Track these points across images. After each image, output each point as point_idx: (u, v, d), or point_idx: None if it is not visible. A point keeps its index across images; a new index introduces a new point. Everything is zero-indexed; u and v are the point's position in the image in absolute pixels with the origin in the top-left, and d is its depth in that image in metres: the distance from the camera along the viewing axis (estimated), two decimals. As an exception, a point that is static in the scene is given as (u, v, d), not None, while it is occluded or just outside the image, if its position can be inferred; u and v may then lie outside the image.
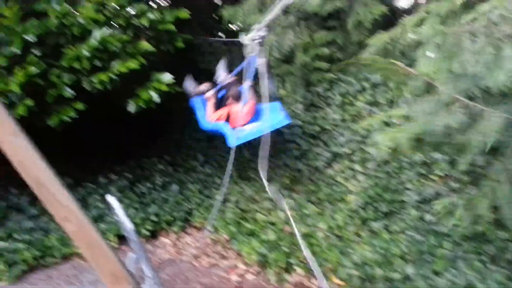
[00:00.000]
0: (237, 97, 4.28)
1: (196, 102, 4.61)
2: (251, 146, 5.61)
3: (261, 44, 3.51)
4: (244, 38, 3.58)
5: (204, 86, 4.65)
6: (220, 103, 4.50)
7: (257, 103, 4.38)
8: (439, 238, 3.32)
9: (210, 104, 4.43)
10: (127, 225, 2.20)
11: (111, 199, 2.36)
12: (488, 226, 3.24)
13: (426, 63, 3.40)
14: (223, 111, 4.34)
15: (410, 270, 3.08)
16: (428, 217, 3.55)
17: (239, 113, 4.08)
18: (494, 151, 3.48)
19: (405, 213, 3.70)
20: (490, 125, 2.66)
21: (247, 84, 3.97)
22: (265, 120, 4.24)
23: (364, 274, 3.15)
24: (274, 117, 4.09)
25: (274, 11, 3.17)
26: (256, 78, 3.88)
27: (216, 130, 4.33)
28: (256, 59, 3.60)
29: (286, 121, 4.00)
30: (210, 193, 4.84)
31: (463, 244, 3.22)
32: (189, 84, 4.79)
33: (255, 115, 4.33)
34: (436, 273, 3.02)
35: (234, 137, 3.95)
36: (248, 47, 3.56)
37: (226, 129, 4.13)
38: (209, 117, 4.40)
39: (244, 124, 4.17)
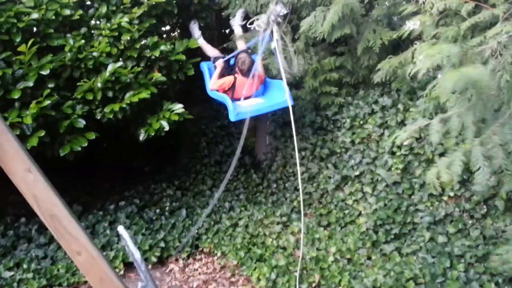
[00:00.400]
0: (245, 68, 4.46)
1: (204, 67, 4.86)
2: (259, 169, 5.76)
3: (277, 22, 3.71)
4: (259, 22, 3.84)
5: (216, 51, 4.94)
6: (230, 72, 4.72)
7: (264, 78, 4.58)
8: (452, 260, 3.35)
9: (217, 72, 4.62)
10: (136, 255, 2.31)
11: (120, 229, 2.48)
12: (501, 245, 3.27)
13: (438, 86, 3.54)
14: (226, 79, 4.52)
15: (422, 293, 3.11)
16: (440, 238, 3.59)
17: (244, 84, 4.26)
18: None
19: (416, 235, 3.74)
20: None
21: (258, 58, 4.13)
22: (268, 98, 4.47)
23: (375, 298, 3.19)
24: (278, 96, 4.25)
25: None
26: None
27: (218, 99, 4.52)
28: (269, 36, 3.76)
29: (289, 103, 3.81)
30: (218, 217, 4.94)
31: (476, 265, 3.25)
32: (195, 29, 5.16)
33: (260, 90, 4.54)
34: (450, 296, 3.04)
35: (235, 112, 4.08)
36: (263, 25, 3.78)
37: (228, 102, 4.22)
38: (212, 84, 4.61)
39: (247, 97, 4.34)
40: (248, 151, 6.12)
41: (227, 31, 6.98)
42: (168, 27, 6.79)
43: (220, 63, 4.68)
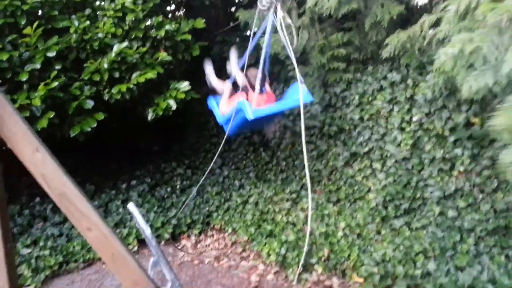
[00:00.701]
0: (254, 85, 4.23)
1: (212, 102, 4.72)
2: (268, 148, 5.78)
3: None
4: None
5: (221, 84, 4.71)
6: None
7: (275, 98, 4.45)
8: (461, 234, 3.36)
9: (226, 95, 4.48)
10: (146, 230, 2.37)
11: (131, 206, 2.53)
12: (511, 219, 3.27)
13: (446, 60, 3.47)
14: (235, 98, 4.29)
15: (432, 266, 3.14)
16: (450, 212, 3.60)
17: (258, 99, 4.04)
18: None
19: (426, 210, 3.75)
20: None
21: (260, 72, 4.01)
22: (286, 98, 4.37)
23: (384, 271, 3.23)
24: (296, 94, 4.03)
25: None
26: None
27: (230, 119, 4.23)
28: (273, 15, 3.75)
29: (309, 98, 3.99)
30: (228, 195, 5.00)
31: (486, 239, 3.26)
32: (209, 69, 4.89)
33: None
34: (459, 269, 3.07)
35: (252, 109, 3.82)
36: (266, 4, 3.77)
37: (243, 104, 3.90)
38: (223, 107, 4.45)
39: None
40: (257, 130, 6.13)
41: (232, 9, 6.90)
42: (173, 6, 6.73)
43: (228, 86, 4.49)
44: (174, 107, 4.51)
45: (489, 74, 3.00)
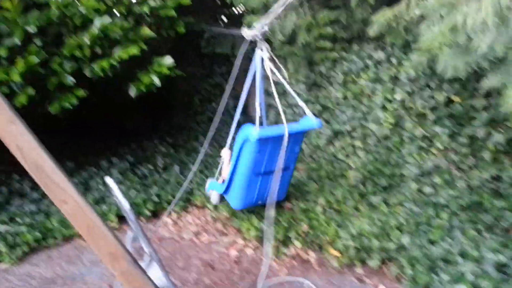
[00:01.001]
0: None
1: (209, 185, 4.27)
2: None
3: (262, 37, 3.50)
4: (247, 33, 3.53)
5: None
6: None
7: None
8: (436, 209, 3.46)
9: (226, 161, 3.99)
10: (124, 205, 2.38)
11: (108, 180, 2.54)
12: (485, 195, 3.37)
13: (429, 37, 3.51)
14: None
15: (406, 240, 3.24)
16: (427, 189, 3.69)
17: None
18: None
19: (404, 187, 3.84)
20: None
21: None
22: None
23: (360, 245, 3.32)
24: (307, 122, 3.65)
25: (276, 11, 3.28)
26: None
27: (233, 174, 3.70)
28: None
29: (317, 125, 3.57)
30: (210, 173, 5.03)
31: (460, 214, 3.36)
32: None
33: None
34: (432, 242, 3.17)
35: (256, 132, 3.27)
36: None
37: (246, 129, 3.43)
38: (224, 173, 3.96)
39: None
40: (242, 108, 6.14)
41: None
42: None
43: (226, 152, 4.08)
44: (158, 83, 4.49)
45: (470, 53, 3.06)
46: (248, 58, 3.83)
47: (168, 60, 4.59)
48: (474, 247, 2.99)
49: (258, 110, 3.49)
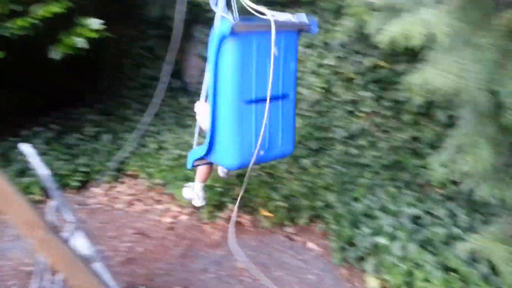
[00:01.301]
0: None
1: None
2: (187, 93, 5.71)
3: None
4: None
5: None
6: None
7: None
8: (360, 169, 3.70)
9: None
10: (43, 171, 2.25)
11: (23, 147, 2.38)
12: (405, 155, 3.65)
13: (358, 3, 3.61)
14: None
15: (332, 198, 3.45)
16: (353, 151, 3.91)
17: None
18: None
19: (332, 149, 4.04)
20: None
21: None
22: None
23: (290, 205, 3.49)
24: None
25: None
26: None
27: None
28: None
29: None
30: (144, 141, 4.92)
31: (382, 173, 3.62)
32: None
33: None
34: (355, 199, 3.40)
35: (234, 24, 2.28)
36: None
37: (220, 26, 2.40)
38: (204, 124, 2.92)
39: None
40: (176, 74, 5.99)
41: None
42: None
43: (201, 106, 3.11)
44: (82, 45, 4.22)
45: (397, 20, 3.20)
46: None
47: (94, 22, 4.32)
48: (393, 202, 3.27)
49: None
